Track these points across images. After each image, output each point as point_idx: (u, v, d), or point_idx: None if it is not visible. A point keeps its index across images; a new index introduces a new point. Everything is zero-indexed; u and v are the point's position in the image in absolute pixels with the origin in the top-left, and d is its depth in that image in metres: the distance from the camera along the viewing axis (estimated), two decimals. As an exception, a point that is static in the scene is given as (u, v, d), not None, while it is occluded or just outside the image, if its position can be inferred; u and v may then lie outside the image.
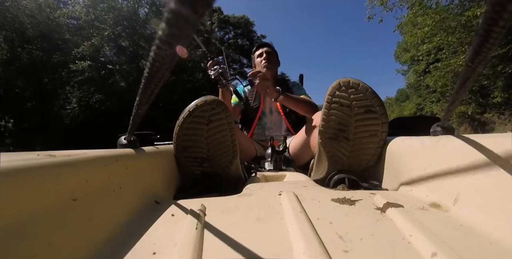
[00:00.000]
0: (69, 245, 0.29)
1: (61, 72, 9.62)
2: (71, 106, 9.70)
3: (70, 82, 9.89)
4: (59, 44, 9.62)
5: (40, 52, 9.36)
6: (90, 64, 9.54)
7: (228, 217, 0.40)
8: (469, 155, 0.39)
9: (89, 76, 9.78)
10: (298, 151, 1.09)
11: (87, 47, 9.45)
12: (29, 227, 0.25)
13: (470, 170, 0.38)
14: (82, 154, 0.38)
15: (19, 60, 8.78)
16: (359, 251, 0.29)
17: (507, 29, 0.22)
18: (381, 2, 6.69)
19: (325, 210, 0.41)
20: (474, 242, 0.30)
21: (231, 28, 16.10)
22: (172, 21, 0.19)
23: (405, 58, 10.21)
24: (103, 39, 9.89)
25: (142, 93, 0.32)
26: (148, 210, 0.45)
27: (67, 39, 9.68)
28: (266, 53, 1.41)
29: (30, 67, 8.90)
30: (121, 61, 10.56)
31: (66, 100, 9.84)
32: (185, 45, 0.22)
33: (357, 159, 0.68)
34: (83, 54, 9.41)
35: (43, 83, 9.46)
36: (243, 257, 0.28)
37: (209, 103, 0.65)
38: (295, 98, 1.14)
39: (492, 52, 0.26)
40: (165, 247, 0.31)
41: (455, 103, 0.42)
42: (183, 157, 0.70)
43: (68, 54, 9.58)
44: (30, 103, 9.36)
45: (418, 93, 12.55)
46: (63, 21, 9.63)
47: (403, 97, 13.18)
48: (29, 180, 0.27)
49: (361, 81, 0.64)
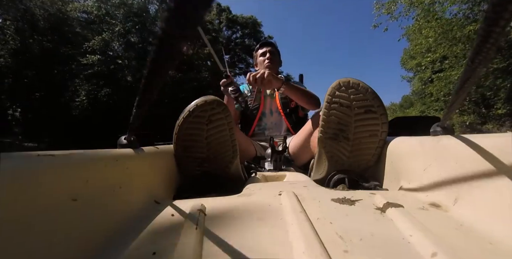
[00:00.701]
0: (69, 245, 0.29)
1: (71, 64, 9.74)
2: (80, 99, 9.78)
3: (79, 75, 9.98)
4: (69, 37, 9.74)
5: (51, 44, 9.45)
6: (100, 58, 9.66)
7: (228, 217, 0.40)
8: (469, 155, 0.39)
9: (98, 70, 9.88)
10: (298, 151, 1.09)
11: (97, 41, 9.57)
12: (29, 227, 0.25)
13: (470, 170, 0.38)
14: (82, 154, 0.38)
15: (30, 51, 8.86)
16: (359, 251, 0.29)
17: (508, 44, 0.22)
18: (387, 12, 6.72)
19: (325, 210, 0.41)
20: (474, 242, 0.30)
21: (238, 27, 16.24)
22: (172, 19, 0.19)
23: (411, 65, 10.21)
24: (113, 34, 10.01)
25: (143, 93, 0.32)
26: (148, 210, 0.45)
27: (77, 33, 9.81)
28: (269, 52, 1.41)
29: (39, 59, 8.99)
30: (130, 56, 10.70)
31: (75, 92, 9.93)
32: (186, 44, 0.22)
33: (357, 159, 0.68)
34: (93, 48, 9.53)
35: (52, 74, 9.56)
36: (243, 257, 0.28)
37: (209, 103, 0.65)
38: (298, 88, 1.13)
39: (493, 53, 0.26)
40: (165, 247, 0.31)
41: (455, 103, 0.42)
42: (183, 157, 0.70)
43: (78, 47, 9.67)
44: (38, 94, 9.47)
45: (422, 100, 12.57)
46: (74, 15, 9.76)
47: (407, 104, 13.18)
48: (29, 180, 0.27)
49: (361, 81, 0.64)
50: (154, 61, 0.24)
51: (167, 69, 0.26)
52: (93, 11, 9.84)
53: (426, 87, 9.88)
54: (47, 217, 0.27)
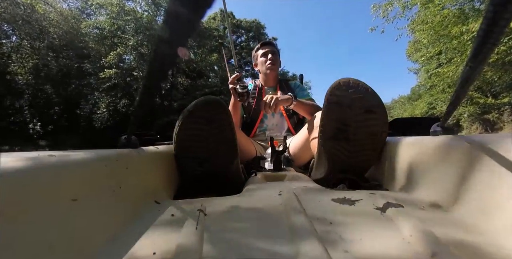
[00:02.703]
0: (69, 245, 0.29)
1: (88, 79, 10.42)
2: (101, 111, 10.41)
3: (99, 89, 10.63)
4: (84, 53, 10.39)
5: (67, 60, 10.15)
6: (116, 71, 10.28)
7: (228, 217, 0.40)
8: (469, 155, 0.39)
9: (115, 83, 10.55)
10: (298, 151, 1.09)
11: (113, 56, 10.18)
12: (30, 227, 0.25)
13: (470, 170, 0.38)
14: (82, 154, 0.38)
15: (47, 67, 9.52)
16: (359, 251, 0.29)
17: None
18: (384, 15, 6.82)
19: (325, 210, 0.41)
20: (474, 242, 0.30)
21: (243, 31, 16.68)
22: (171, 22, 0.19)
23: (416, 57, 10.14)
24: (127, 48, 10.63)
25: (143, 94, 0.32)
26: (148, 210, 0.45)
27: (91, 48, 10.46)
28: (271, 53, 1.41)
29: (57, 74, 9.69)
30: (143, 68, 11.35)
31: (95, 104, 10.59)
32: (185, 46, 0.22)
33: (357, 159, 0.68)
34: (110, 63, 10.14)
35: (69, 89, 10.24)
36: (243, 257, 0.28)
37: (210, 103, 0.65)
38: (305, 104, 1.16)
39: (492, 53, 0.26)
40: (165, 247, 0.31)
41: (455, 103, 0.42)
42: (183, 157, 0.70)
43: (94, 62, 10.37)
44: (57, 107, 10.20)
45: (430, 92, 12.51)
46: (88, 31, 10.40)
47: (416, 96, 12.96)
48: (29, 180, 0.27)
49: (361, 81, 0.64)
50: (153, 64, 0.24)
51: (165, 71, 0.26)
52: (106, 27, 10.41)
53: (430, 80, 9.83)
54: (47, 217, 0.27)
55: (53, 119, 10.20)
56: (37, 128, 9.99)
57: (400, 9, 6.65)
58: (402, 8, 6.62)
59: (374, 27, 7.11)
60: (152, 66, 0.25)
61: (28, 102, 9.62)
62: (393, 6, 6.70)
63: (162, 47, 0.22)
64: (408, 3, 6.46)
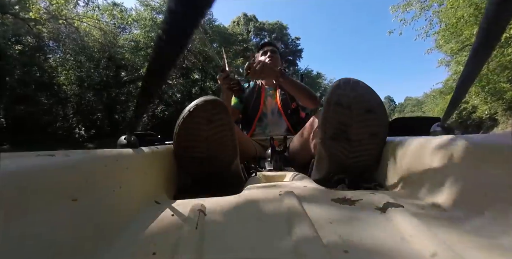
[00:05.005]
0: (69, 245, 0.29)
1: (128, 87, 11.57)
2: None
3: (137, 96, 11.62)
4: (122, 63, 11.52)
5: (106, 70, 11.20)
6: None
7: (228, 217, 0.40)
8: (469, 155, 0.39)
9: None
10: (298, 151, 1.09)
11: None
12: (30, 227, 0.25)
13: (470, 170, 0.38)
14: (82, 154, 0.38)
15: (89, 78, 10.60)
16: (359, 251, 0.29)
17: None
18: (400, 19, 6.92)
19: (325, 210, 0.41)
20: (474, 242, 0.30)
21: (266, 34, 17.12)
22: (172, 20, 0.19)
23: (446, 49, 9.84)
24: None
25: (142, 93, 0.32)
26: (148, 210, 0.45)
27: (127, 59, 11.53)
28: (270, 51, 1.42)
29: (98, 84, 10.73)
30: (176, 75, 12.41)
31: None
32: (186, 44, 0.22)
33: (357, 159, 0.68)
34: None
35: (111, 97, 11.30)
36: (243, 257, 0.28)
37: (209, 103, 0.65)
38: (295, 82, 1.16)
39: (492, 52, 0.26)
40: (165, 247, 0.31)
41: (455, 103, 0.42)
42: (183, 157, 0.70)
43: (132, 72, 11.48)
44: (100, 114, 11.30)
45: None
46: (124, 43, 11.49)
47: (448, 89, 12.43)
48: (29, 180, 0.27)
49: (361, 81, 0.64)
50: (153, 64, 0.24)
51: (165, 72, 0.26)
52: (140, 39, 11.31)
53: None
54: (47, 217, 0.27)
55: (96, 124, 11.27)
56: (82, 133, 11.10)
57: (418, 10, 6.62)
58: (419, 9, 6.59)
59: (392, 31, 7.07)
60: (151, 66, 0.25)
61: (73, 109, 10.84)
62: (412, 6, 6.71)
63: (162, 47, 0.22)
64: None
